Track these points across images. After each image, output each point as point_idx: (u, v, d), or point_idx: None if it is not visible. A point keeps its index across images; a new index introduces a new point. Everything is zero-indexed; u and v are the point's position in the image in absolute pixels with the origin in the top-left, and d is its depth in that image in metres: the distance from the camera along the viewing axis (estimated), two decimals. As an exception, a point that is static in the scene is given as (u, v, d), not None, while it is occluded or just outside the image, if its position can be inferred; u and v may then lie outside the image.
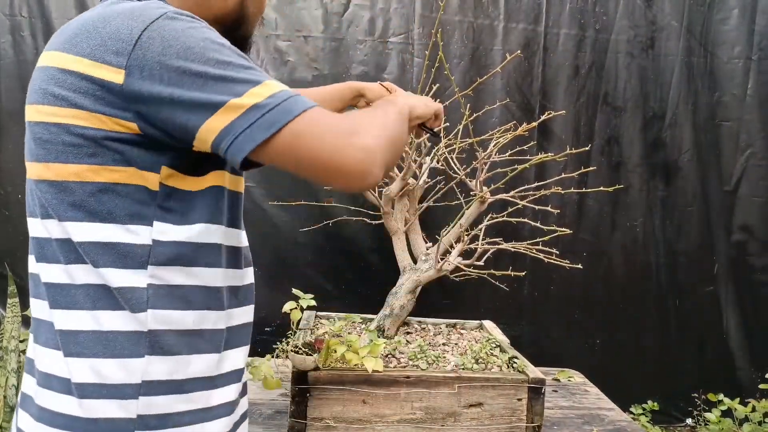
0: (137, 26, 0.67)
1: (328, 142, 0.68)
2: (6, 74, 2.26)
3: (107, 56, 0.67)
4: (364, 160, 0.69)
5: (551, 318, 2.59)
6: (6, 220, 2.32)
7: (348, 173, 0.69)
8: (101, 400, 0.70)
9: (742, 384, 2.64)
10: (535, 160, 1.72)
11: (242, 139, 0.66)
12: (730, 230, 2.64)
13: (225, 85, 0.67)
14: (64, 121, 0.69)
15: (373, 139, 0.72)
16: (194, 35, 0.68)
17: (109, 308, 0.72)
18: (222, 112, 0.66)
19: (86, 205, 0.71)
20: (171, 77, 0.66)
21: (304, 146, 0.68)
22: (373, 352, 1.43)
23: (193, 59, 0.66)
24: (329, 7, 2.40)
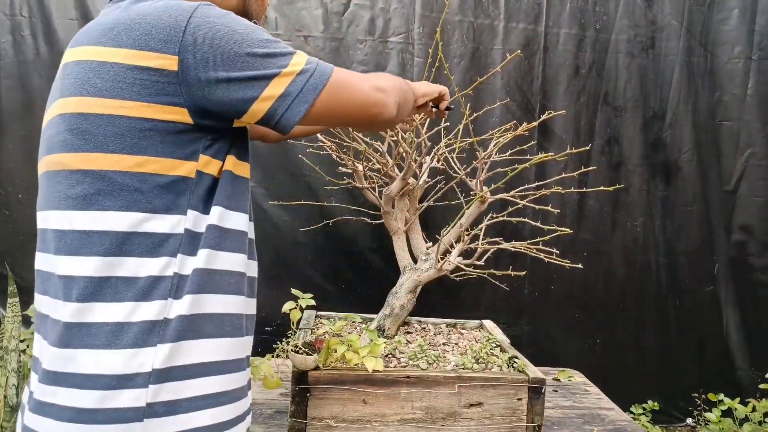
0: (181, 15, 0.72)
1: (357, 89, 0.84)
2: (6, 74, 2.26)
3: (155, 44, 0.71)
4: (383, 98, 0.88)
5: (551, 318, 2.59)
6: (6, 220, 2.32)
7: (375, 112, 0.87)
8: (111, 391, 0.71)
9: (742, 384, 2.64)
10: (535, 159, 1.72)
11: (297, 102, 0.77)
12: (730, 230, 2.64)
13: (272, 59, 0.75)
14: (108, 111, 0.71)
15: (384, 83, 0.90)
16: (233, 19, 0.74)
17: (131, 299, 0.73)
18: (275, 83, 0.76)
19: (124, 195, 0.72)
20: (225, 58, 0.72)
21: (342, 97, 0.82)
22: (373, 352, 1.43)
23: (240, 40, 0.73)
24: (329, 7, 2.40)
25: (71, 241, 0.74)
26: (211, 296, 0.78)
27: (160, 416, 0.73)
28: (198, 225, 0.77)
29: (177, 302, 0.75)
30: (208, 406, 0.78)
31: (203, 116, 0.75)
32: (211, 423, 0.78)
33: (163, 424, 0.73)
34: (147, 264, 0.74)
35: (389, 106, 0.89)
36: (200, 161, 0.76)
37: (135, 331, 0.72)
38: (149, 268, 0.74)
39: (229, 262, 0.81)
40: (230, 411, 0.81)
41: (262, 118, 0.77)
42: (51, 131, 0.76)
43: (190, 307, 0.76)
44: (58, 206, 0.75)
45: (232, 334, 0.82)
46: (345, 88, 0.83)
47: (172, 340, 0.74)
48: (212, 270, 0.78)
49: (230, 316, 0.82)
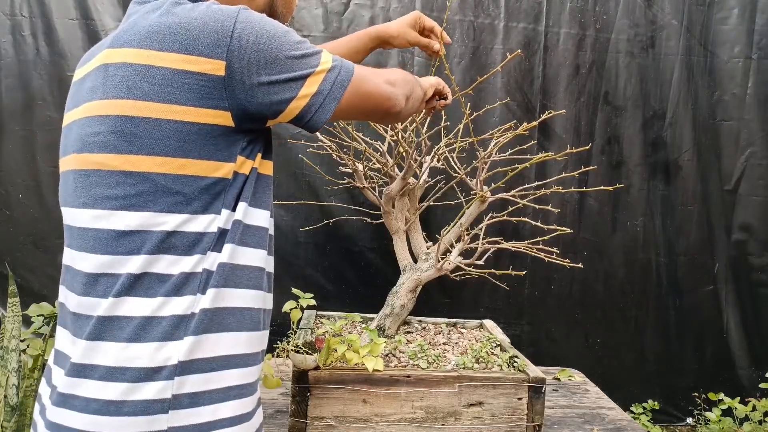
0: (227, 20, 0.74)
1: (374, 84, 0.89)
2: (6, 74, 2.26)
3: (203, 49, 0.72)
4: (394, 92, 0.93)
5: (551, 317, 2.59)
6: (7, 220, 2.32)
7: (388, 105, 0.92)
8: (138, 383, 0.72)
9: (742, 383, 2.64)
10: (535, 159, 1.72)
11: (328, 100, 0.81)
12: (731, 229, 2.64)
13: (305, 60, 0.79)
14: (155, 115, 0.72)
15: (394, 76, 0.95)
16: (271, 23, 0.77)
17: (162, 295, 0.75)
18: (309, 82, 0.79)
19: (166, 196, 0.74)
20: (267, 62, 0.75)
21: (363, 92, 0.86)
22: (373, 352, 1.43)
23: (281, 44, 0.76)
24: (329, 7, 2.40)
25: (108, 239, 0.75)
26: (233, 290, 0.80)
27: (185, 408, 0.74)
28: (228, 223, 0.79)
29: (202, 296, 0.77)
30: (230, 398, 0.79)
31: (244, 119, 0.77)
32: (232, 415, 0.79)
33: (188, 416, 0.74)
34: (181, 261, 0.76)
35: (399, 99, 0.93)
36: (237, 162, 0.78)
37: (164, 324, 0.74)
38: (183, 265, 0.76)
39: (250, 258, 0.83)
40: (249, 403, 0.83)
41: (295, 117, 0.80)
42: (86, 130, 0.77)
43: (213, 301, 0.77)
44: (94, 205, 0.76)
45: (252, 328, 0.84)
46: (365, 84, 0.87)
47: (197, 333, 0.75)
48: (235, 265, 0.80)
49: (250, 310, 0.83)
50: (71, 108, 0.83)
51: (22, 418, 1.48)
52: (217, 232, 0.78)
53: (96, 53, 0.82)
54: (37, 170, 2.30)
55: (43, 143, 2.29)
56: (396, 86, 0.93)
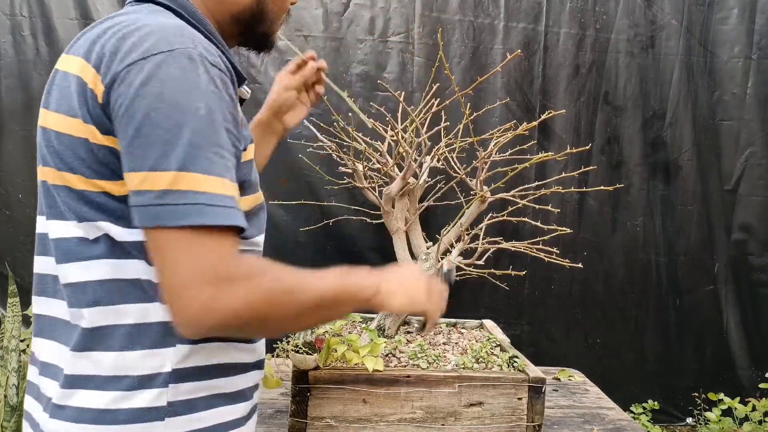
0: (139, 52, 0.65)
1: (180, 272, 0.63)
2: (6, 74, 2.26)
3: (102, 69, 0.66)
4: (195, 316, 0.63)
5: (551, 317, 2.59)
6: (7, 220, 2.32)
7: (174, 314, 0.64)
8: (132, 391, 0.71)
9: (742, 383, 2.64)
10: (535, 159, 1.72)
11: (136, 212, 0.65)
12: (731, 229, 2.65)
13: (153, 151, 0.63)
14: (79, 134, 0.68)
15: (235, 304, 0.64)
16: (182, 88, 0.64)
17: (142, 301, 0.72)
18: (132, 176, 0.64)
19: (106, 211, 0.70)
20: (128, 112, 0.64)
21: (163, 257, 0.64)
22: (373, 352, 1.43)
23: (157, 112, 0.63)
24: (329, 7, 2.40)
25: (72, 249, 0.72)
26: None
27: (181, 414, 0.73)
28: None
29: None
30: (226, 404, 0.79)
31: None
32: (229, 419, 0.79)
33: (184, 423, 0.74)
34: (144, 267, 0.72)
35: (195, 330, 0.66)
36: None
37: (154, 331, 0.72)
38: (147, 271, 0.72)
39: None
40: (243, 409, 0.83)
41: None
42: (39, 141, 0.75)
43: None
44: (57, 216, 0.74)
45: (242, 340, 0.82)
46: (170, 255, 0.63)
47: (192, 342, 0.74)
48: None
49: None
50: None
51: (21, 418, 1.48)
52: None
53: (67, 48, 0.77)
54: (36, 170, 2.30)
55: (42, 143, 2.29)
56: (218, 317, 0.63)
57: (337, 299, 0.75)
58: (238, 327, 0.67)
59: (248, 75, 2.38)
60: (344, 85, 2.43)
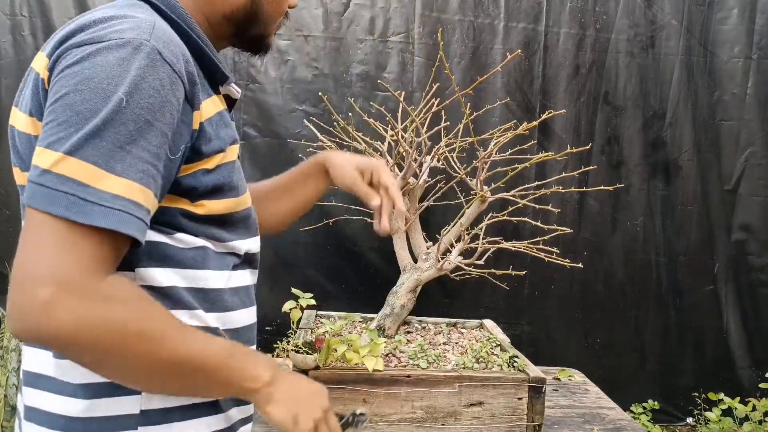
0: (88, 36, 0.62)
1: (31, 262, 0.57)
2: (6, 73, 2.27)
3: (52, 53, 0.64)
4: (27, 314, 0.55)
5: (551, 317, 2.59)
6: (6, 220, 2.32)
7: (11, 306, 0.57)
8: (105, 399, 0.69)
9: (742, 383, 2.64)
10: (535, 159, 1.72)
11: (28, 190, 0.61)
12: (730, 229, 2.64)
13: (59, 131, 0.58)
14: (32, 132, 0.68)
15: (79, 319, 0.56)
16: (115, 78, 0.60)
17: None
18: (43, 151, 0.59)
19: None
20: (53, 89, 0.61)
21: (23, 240, 0.60)
22: (373, 352, 1.43)
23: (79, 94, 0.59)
24: (329, 7, 2.40)
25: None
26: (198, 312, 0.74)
27: (155, 424, 0.71)
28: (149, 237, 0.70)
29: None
30: (203, 415, 0.76)
31: None
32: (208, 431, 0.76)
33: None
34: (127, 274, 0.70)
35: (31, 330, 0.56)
36: None
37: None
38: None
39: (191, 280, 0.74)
40: (225, 419, 0.79)
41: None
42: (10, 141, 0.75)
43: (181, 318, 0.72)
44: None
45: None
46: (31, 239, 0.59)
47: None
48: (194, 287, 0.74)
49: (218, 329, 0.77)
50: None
51: (22, 418, 1.49)
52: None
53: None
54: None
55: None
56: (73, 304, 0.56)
57: (211, 371, 0.65)
58: (71, 349, 0.58)
59: (248, 75, 2.38)
60: (344, 85, 2.43)
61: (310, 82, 2.41)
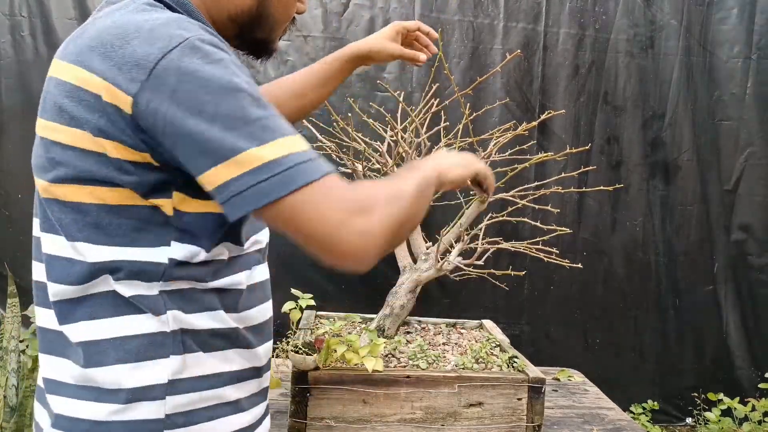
0: (154, 53, 0.62)
1: (327, 220, 0.64)
2: (6, 74, 2.26)
3: (119, 80, 0.63)
4: (360, 245, 0.65)
5: (551, 317, 2.59)
6: (6, 220, 2.32)
7: (340, 256, 0.65)
8: (129, 404, 0.70)
9: (741, 383, 2.64)
10: (535, 159, 1.72)
11: (238, 201, 0.62)
12: (730, 229, 2.65)
13: (231, 137, 0.61)
14: (80, 145, 0.66)
15: (380, 221, 0.66)
16: (213, 73, 0.63)
17: (129, 313, 0.71)
18: (222, 167, 0.62)
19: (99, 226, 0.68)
20: (177, 117, 0.62)
21: (301, 220, 0.64)
22: (373, 352, 1.43)
23: (205, 103, 0.62)
24: (329, 7, 2.40)
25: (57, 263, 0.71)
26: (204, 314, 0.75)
27: (180, 427, 0.72)
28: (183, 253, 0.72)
29: (179, 315, 0.73)
30: (227, 414, 0.77)
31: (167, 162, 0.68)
32: (230, 431, 0.77)
33: None
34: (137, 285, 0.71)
35: (367, 258, 0.67)
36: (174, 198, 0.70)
37: (146, 343, 0.71)
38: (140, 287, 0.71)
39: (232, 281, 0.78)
40: (249, 417, 0.80)
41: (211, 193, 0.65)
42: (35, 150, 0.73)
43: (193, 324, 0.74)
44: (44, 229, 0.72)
45: (243, 346, 0.80)
46: (309, 212, 0.63)
47: (185, 352, 0.72)
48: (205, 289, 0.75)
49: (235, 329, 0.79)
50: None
51: (21, 419, 1.48)
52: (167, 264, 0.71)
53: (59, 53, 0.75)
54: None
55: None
56: (376, 236, 0.66)
57: (423, 190, 0.78)
58: (392, 240, 0.70)
59: (248, 75, 2.38)
60: (344, 85, 2.43)
61: (310, 82, 2.41)
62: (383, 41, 1.17)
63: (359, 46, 1.17)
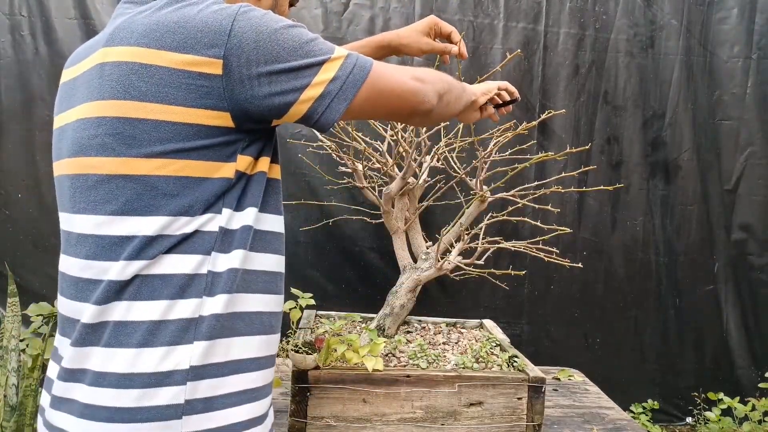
0: (225, 19, 0.72)
1: (396, 79, 0.84)
2: (6, 73, 2.26)
3: (201, 49, 0.71)
4: (421, 88, 0.87)
5: (551, 317, 2.59)
6: (6, 220, 2.31)
7: (415, 101, 0.86)
8: (150, 389, 0.71)
9: (741, 383, 2.64)
10: (535, 159, 1.72)
11: (336, 101, 0.77)
12: (730, 229, 2.64)
13: (312, 59, 0.75)
14: (153, 116, 0.71)
15: (423, 73, 0.89)
16: (274, 20, 0.74)
17: (167, 297, 0.73)
18: (314, 84, 0.75)
19: (165, 199, 0.72)
20: (268, 60, 0.72)
21: (383, 88, 0.82)
22: (373, 351, 1.43)
23: (282, 42, 0.73)
24: (329, 7, 2.40)
25: (110, 246, 0.73)
26: (247, 295, 0.79)
27: (199, 413, 0.73)
28: (231, 223, 0.77)
29: (211, 300, 0.75)
30: (244, 402, 0.79)
31: (245, 119, 0.75)
32: (246, 418, 0.79)
33: (202, 421, 0.74)
34: (182, 262, 0.74)
35: (429, 96, 0.88)
36: (238, 162, 0.76)
37: (172, 329, 0.73)
38: (184, 266, 0.74)
39: (264, 263, 0.82)
40: (262, 406, 0.83)
41: (301, 117, 0.77)
42: (82, 133, 0.75)
43: (226, 306, 0.76)
44: (94, 211, 0.74)
45: (265, 332, 0.83)
46: (384, 79, 0.82)
47: (208, 338, 0.74)
48: (248, 270, 0.79)
49: (262, 314, 0.83)
50: (64, 110, 0.81)
51: (21, 418, 1.48)
52: (219, 232, 0.76)
53: (87, 53, 0.79)
54: (36, 170, 2.30)
55: (42, 143, 2.29)
56: (425, 82, 0.87)
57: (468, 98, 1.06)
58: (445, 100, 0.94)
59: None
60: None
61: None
62: (417, 34, 1.22)
63: (391, 35, 1.23)
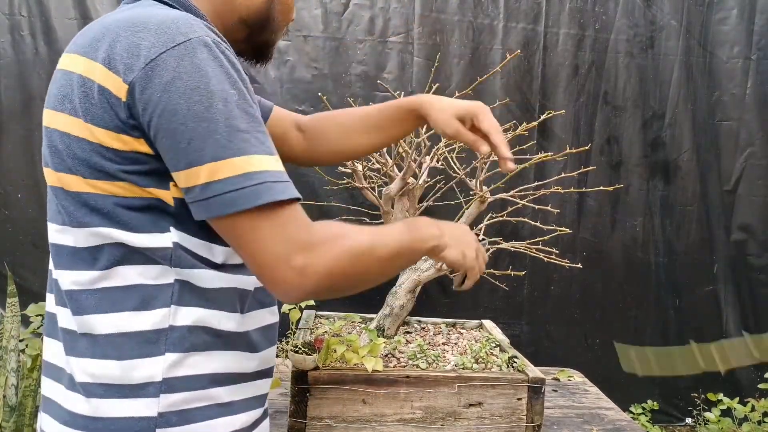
0: (157, 46, 0.64)
1: (269, 248, 0.65)
2: (5, 74, 2.26)
3: (120, 67, 0.64)
4: (295, 282, 0.66)
5: (551, 317, 2.59)
6: (6, 220, 2.32)
7: (272, 286, 0.68)
8: (124, 400, 0.70)
9: (741, 383, 2.64)
10: (535, 159, 1.72)
11: (196, 207, 0.66)
12: (730, 230, 2.65)
13: (205, 143, 0.63)
14: (79, 134, 0.67)
15: (325, 264, 0.67)
16: (210, 76, 0.64)
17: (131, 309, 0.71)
18: (190, 172, 0.64)
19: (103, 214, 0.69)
20: (167, 111, 0.63)
21: (246, 239, 0.66)
22: (372, 352, 1.43)
23: (195, 103, 0.63)
24: (329, 7, 2.40)
25: (63, 254, 0.72)
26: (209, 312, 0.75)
27: (173, 426, 0.71)
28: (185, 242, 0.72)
29: (182, 310, 0.72)
30: (221, 415, 0.76)
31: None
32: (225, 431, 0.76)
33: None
34: (146, 272, 0.71)
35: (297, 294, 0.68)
36: (172, 189, 0.70)
37: (140, 340, 0.70)
38: (146, 277, 0.71)
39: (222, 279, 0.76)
40: (244, 418, 0.79)
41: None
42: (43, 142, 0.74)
43: (196, 320, 0.73)
44: (53, 219, 0.74)
45: (242, 348, 0.80)
46: (255, 235, 0.65)
47: (181, 350, 0.72)
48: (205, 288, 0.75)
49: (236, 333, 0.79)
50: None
51: (21, 418, 1.48)
52: (174, 248, 0.71)
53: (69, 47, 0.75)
54: (36, 170, 2.30)
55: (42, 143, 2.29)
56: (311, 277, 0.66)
57: (406, 251, 0.78)
58: (330, 287, 0.69)
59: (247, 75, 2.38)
60: (344, 85, 2.43)
61: (310, 82, 2.41)
62: (449, 116, 1.01)
63: (423, 104, 1.03)
